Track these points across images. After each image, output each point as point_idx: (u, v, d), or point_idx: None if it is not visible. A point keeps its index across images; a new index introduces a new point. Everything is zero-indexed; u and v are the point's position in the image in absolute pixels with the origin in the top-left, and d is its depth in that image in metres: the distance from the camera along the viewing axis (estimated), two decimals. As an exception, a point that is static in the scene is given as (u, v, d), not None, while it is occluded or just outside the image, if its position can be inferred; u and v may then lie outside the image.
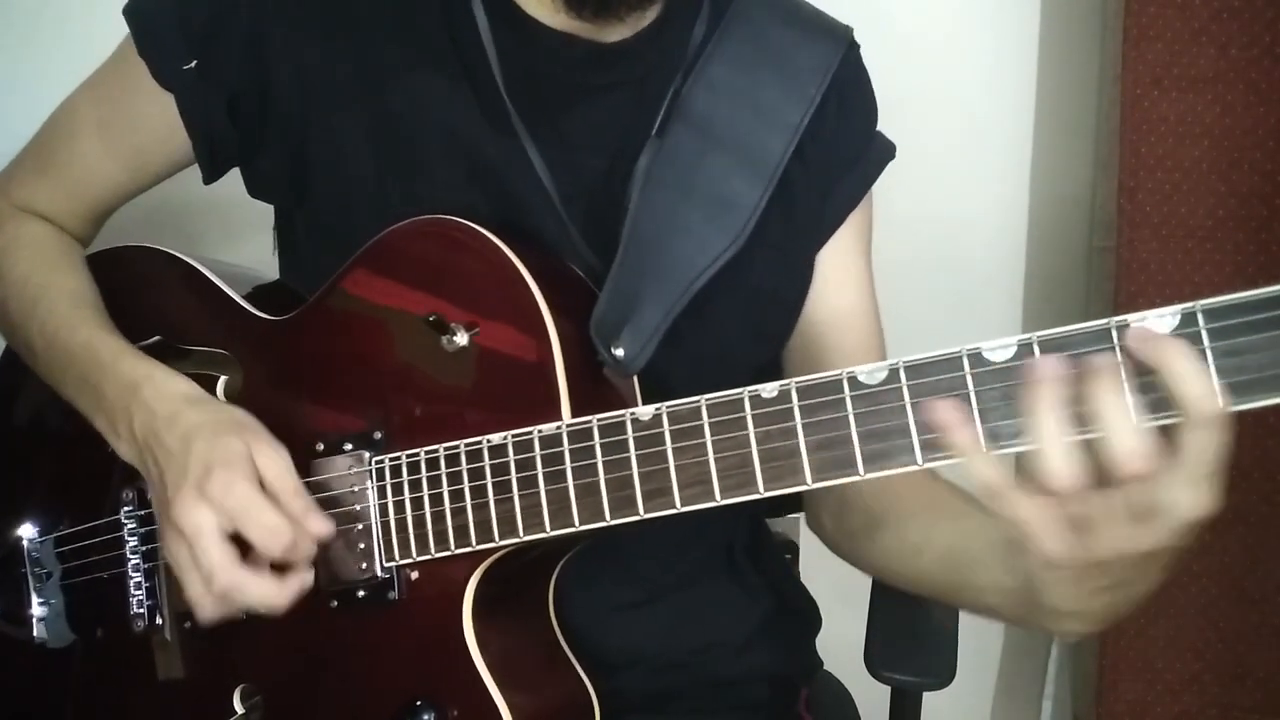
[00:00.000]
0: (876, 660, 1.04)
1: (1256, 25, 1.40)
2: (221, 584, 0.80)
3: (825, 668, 1.17)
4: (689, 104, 0.91)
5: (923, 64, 1.56)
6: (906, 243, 1.58)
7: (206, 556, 0.80)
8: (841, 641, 1.14)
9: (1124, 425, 0.60)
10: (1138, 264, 1.47)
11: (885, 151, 1.01)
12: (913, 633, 1.08)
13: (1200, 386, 0.58)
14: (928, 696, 1.09)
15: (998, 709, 1.84)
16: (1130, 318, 0.62)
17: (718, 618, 1.04)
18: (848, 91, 0.97)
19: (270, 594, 0.81)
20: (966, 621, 1.09)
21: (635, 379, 0.86)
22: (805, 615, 1.13)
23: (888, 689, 1.09)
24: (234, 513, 0.80)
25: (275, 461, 0.82)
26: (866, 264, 1.04)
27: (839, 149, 0.97)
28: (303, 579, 0.83)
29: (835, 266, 1.00)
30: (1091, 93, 1.57)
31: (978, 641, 1.74)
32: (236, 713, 0.89)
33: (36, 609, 1.00)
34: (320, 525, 0.82)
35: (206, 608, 0.83)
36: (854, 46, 0.98)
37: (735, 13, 0.93)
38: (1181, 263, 1.46)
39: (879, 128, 1.02)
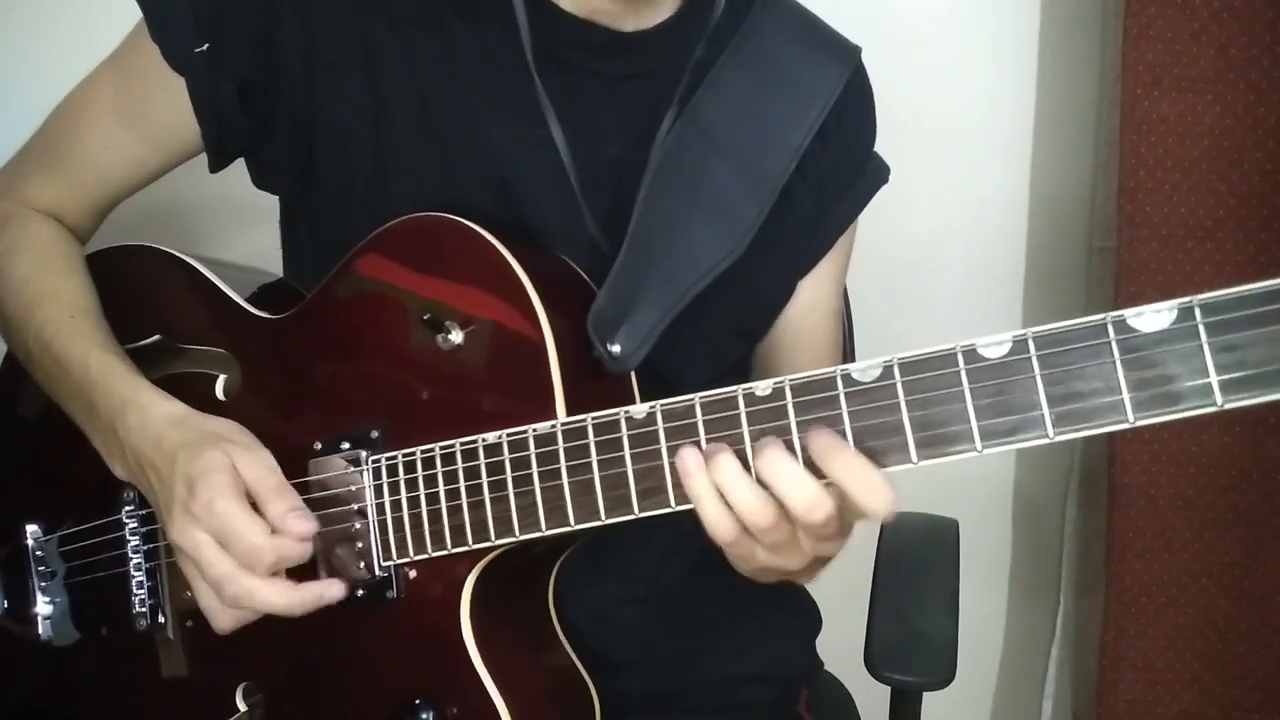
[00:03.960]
0: (876, 660, 1.04)
1: (1256, 25, 1.40)
2: (231, 592, 0.80)
3: (825, 668, 1.17)
4: (698, 109, 0.91)
5: (922, 64, 1.56)
6: (906, 243, 1.59)
7: (212, 569, 0.80)
8: (841, 641, 1.14)
9: (800, 487, 0.69)
10: (1138, 264, 1.47)
11: (879, 175, 1.02)
12: (913, 633, 1.08)
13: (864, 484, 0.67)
14: (928, 696, 1.09)
15: (998, 709, 1.84)
16: (1127, 313, 0.62)
17: (719, 618, 1.04)
18: (850, 115, 0.97)
19: (280, 598, 0.81)
20: (966, 621, 1.09)
21: (633, 374, 0.86)
22: (805, 615, 1.13)
23: (888, 689, 1.09)
24: (218, 533, 0.80)
25: (254, 464, 0.82)
26: (839, 287, 1.07)
27: (837, 170, 0.98)
28: (324, 589, 0.82)
29: (810, 288, 1.02)
30: (1091, 93, 1.57)
31: (978, 641, 1.75)
32: (239, 710, 0.89)
33: (42, 607, 0.99)
34: (301, 525, 0.80)
35: (221, 618, 0.83)
36: (861, 70, 0.98)
37: (750, 25, 0.94)
38: (1181, 263, 1.46)
39: (880, 132, 1.02)
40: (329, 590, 0.82)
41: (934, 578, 1.15)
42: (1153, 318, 0.62)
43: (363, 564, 0.84)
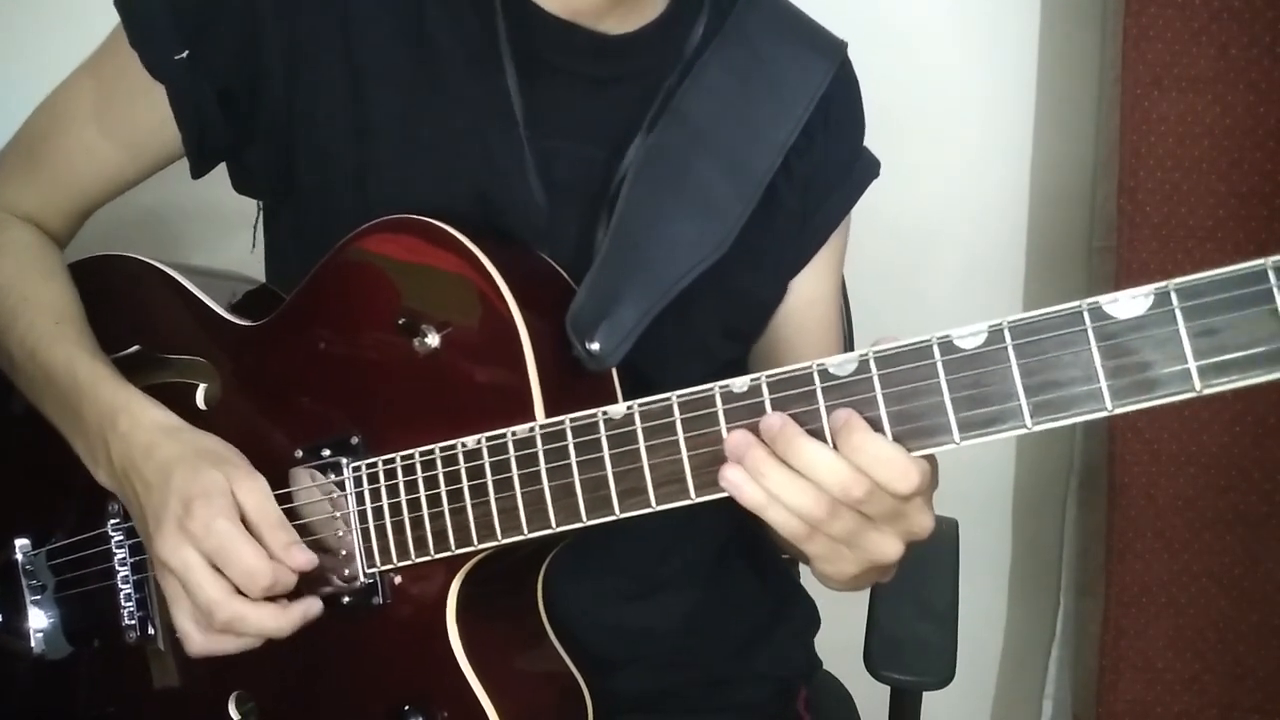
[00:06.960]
0: (876, 660, 1.04)
1: (1256, 25, 1.40)
2: (222, 618, 0.80)
3: (825, 668, 1.17)
4: (682, 106, 0.91)
5: (922, 64, 1.56)
6: (906, 243, 1.60)
7: (202, 593, 0.80)
8: (841, 641, 1.15)
9: (828, 467, 0.67)
10: (1138, 264, 1.47)
11: (869, 170, 1.01)
12: (913, 633, 1.08)
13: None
14: (927, 696, 1.10)
15: (998, 709, 1.84)
16: (1103, 299, 0.62)
17: (716, 617, 1.04)
18: (836, 111, 0.97)
19: (270, 622, 0.81)
20: (966, 621, 1.09)
21: (614, 372, 0.85)
22: (804, 615, 1.13)
23: (888, 689, 1.09)
24: (214, 553, 0.79)
25: (254, 493, 0.82)
26: (837, 281, 1.06)
27: (825, 166, 0.97)
28: (306, 607, 0.83)
29: (807, 284, 1.02)
30: (1091, 93, 1.57)
31: (978, 641, 1.74)
32: (231, 719, 0.89)
33: (33, 621, 0.99)
34: (301, 558, 0.81)
35: (197, 641, 0.83)
36: (846, 64, 0.98)
37: (734, 22, 0.93)
38: (1181, 263, 1.46)
39: (878, 132, 1.02)
40: (311, 608, 0.83)
41: (934, 577, 1.15)
42: (1129, 304, 0.61)
43: (347, 571, 0.84)
